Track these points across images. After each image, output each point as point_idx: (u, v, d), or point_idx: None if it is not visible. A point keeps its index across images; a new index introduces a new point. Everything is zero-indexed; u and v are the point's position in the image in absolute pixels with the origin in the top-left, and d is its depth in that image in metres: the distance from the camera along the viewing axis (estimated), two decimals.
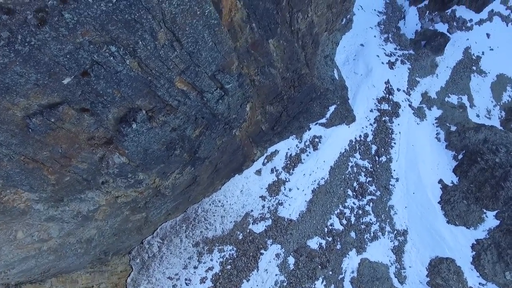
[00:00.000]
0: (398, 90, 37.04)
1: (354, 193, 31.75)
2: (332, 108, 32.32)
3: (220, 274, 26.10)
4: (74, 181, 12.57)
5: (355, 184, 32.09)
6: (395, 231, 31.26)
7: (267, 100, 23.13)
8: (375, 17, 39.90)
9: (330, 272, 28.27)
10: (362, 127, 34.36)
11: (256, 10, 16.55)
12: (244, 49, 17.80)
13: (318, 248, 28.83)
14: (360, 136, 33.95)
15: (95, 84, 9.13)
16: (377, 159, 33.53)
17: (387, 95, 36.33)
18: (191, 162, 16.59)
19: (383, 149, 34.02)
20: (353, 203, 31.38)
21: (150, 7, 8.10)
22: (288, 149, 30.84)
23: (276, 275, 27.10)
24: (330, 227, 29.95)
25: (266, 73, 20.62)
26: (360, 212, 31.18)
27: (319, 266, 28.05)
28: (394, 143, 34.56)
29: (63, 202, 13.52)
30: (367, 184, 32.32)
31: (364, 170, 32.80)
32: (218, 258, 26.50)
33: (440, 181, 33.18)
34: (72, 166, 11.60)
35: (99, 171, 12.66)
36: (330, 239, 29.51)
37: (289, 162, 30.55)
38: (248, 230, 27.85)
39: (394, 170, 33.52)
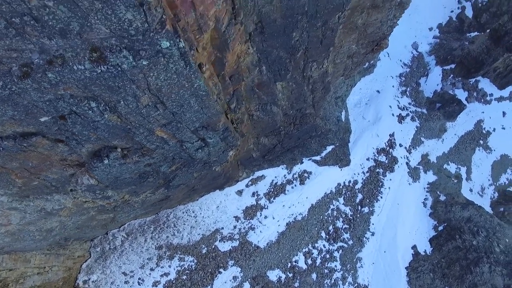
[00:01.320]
0: (400, 145, 36.97)
1: (327, 236, 31.83)
2: (329, 148, 32.31)
3: (174, 282, 26.32)
4: (42, 186, 12.72)
5: (330, 227, 32.17)
6: (356, 284, 31.35)
7: (263, 132, 23.19)
8: (399, 68, 39.70)
9: None
10: (354, 173, 34.36)
11: (269, 56, 16.56)
12: (249, 87, 17.87)
13: (276, 281, 28.98)
14: (349, 181, 33.96)
15: (71, 127, 9.26)
16: (359, 208, 33.57)
17: (387, 148, 36.27)
18: (165, 185, 16.73)
19: (368, 200, 34.04)
20: (323, 245, 31.48)
21: (135, 79, 8.18)
22: (275, 177, 30.93)
23: None
24: (294, 263, 30.08)
25: (268, 110, 20.66)
26: (328, 256, 31.27)
27: None
28: (381, 197, 34.55)
29: (29, 199, 13.69)
30: (342, 231, 32.39)
31: (344, 216, 32.86)
32: (177, 266, 26.71)
33: (414, 247, 33.20)
34: (42, 175, 11.75)
35: (68, 182, 12.81)
36: (290, 275, 29.64)
37: (272, 190, 30.64)
38: (213, 246, 28.03)
39: (373, 224, 33.54)
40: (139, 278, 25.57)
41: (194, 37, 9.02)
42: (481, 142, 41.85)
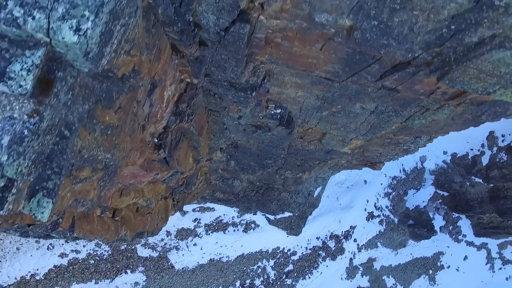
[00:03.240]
0: (355, 241, 37.12)
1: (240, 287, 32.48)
2: (287, 214, 32.44)
3: (80, 261, 26.96)
4: None
5: (248, 281, 32.73)
6: None
7: (220, 190, 23.28)
8: (396, 171, 39.37)
9: None
10: (297, 245, 34.64)
11: (239, 160, 16.47)
12: (212, 169, 17.85)
13: None
14: (289, 250, 34.30)
15: None
16: (283, 277, 34.06)
17: (341, 237, 36.46)
18: None
19: (295, 274, 34.50)
20: None
21: None
22: (224, 214, 31.19)
23: None
24: None
25: (229, 184, 20.68)
26: None
27: None
28: (309, 277, 35.03)
29: None
30: None
31: (265, 277, 33.36)
32: (90, 249, 27.30)
33: None
34: None
35: None
36: None
37: (215, 224, 30.97)
38: (133, 247, 28.59)
39: None
40: (50, 244, 26.18)
41: (119, 194, 9.03)
42: (430, 272, 42.09)
